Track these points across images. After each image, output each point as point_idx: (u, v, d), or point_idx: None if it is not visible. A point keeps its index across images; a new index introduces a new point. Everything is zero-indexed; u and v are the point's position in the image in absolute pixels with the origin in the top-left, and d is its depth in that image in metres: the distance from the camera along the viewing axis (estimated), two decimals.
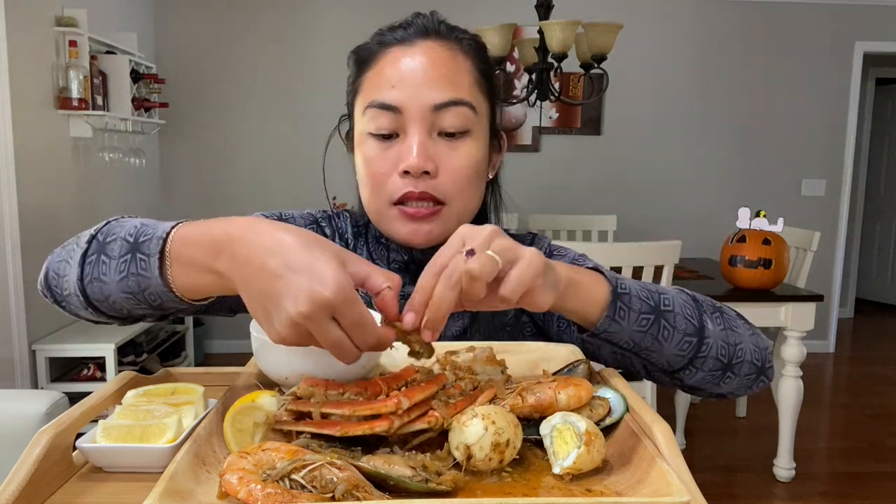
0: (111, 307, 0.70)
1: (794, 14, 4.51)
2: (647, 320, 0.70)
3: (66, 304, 0.74)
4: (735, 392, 0.78)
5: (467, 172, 0.80)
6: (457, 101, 0.79)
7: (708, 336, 0.73)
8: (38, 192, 2.94)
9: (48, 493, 0.55)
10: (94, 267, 0.68)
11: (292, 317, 0.53)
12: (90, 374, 3.03)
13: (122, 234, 0.68)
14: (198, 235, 0.62)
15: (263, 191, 4.39)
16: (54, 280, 0.73)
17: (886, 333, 5.46)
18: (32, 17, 2.88)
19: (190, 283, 0.64)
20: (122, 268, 0.66)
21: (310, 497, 0.47)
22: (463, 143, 0.80)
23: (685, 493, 0.47)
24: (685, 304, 0.74)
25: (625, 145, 4.55)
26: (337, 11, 4.28)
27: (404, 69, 0.79)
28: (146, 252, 0.64)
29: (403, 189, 0.79)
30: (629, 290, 0.70)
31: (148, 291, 0.65)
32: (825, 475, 2.97)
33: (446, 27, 0.84)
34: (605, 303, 0.68)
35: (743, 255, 2.67)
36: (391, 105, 0.78)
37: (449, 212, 0.81)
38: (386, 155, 0.80)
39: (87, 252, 0.69)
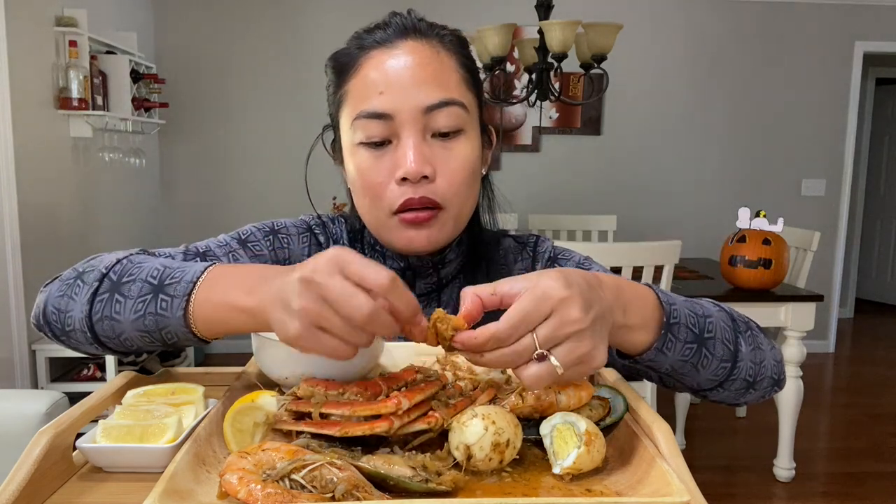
0: (121, 344, 0.69)
1: (794, 14, 4.51)
2: (691, 350, 0.68)
3: (66, 339, 0.73)
4: (750, 402, 0.78)
5: (464, 173, 0.79)
6: (448, 101, 0.77)
7: (741, 360, 0.72)
8: (38, 192, 2.94)
9: (48, 493, 0.55)
10: (105, 305, 0.68)
11: (298, 279, 0.52)
12: (90, 374, 3.04)
13: (141, 275, 0.67)
14: (231, 276, 0.63)
15: (263, 191, 4.39)
16: (54, 315, 0.72)
17: (886, 333, 5.46)
18: (32, 17, 2.88)
19: (215, 321, 0.63)
20: (139, 307, 0.66)
21: (310, 497, 0.47)
22: (457, 143, 0.79)
23: (685, 493, 0.47)
24: (725, 327, 0.71)
25: (625, 145, 4.55)
26: (337, 11, 4.28)
27: (390, 72, 0.76)
28: (171, 294, 0.64)
29: (403, 197, 0.77)
30: (679, 319, 0.67)
31: (165, 331, 0.66)
32: (825, 475, 2.97)
33: (426, 24, 0.81)
34: (657, 334, 0.65)
35: (743, 255, 2.67)
36: (382, 113, 0.76)
37: (447, 215, 0.79)
38: (380, 163, 0.78)
39: (97, 290, 0.68)
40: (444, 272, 0.88)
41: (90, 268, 0.71)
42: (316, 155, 0.94)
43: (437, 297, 0.89)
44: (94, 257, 0.74)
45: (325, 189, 1.07)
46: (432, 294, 0.89)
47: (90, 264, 0.73)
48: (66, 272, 0.75)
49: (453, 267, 0.89)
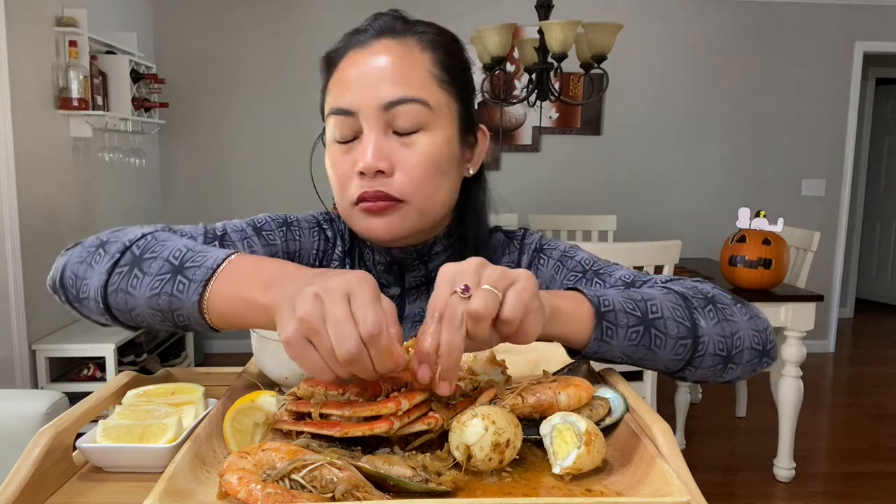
0: (131, 318, 0.70)
1: (794, 14, 4.51)
2: (637, 332, 0.69)
3: (79, 305, 0.74)
4: (740, 377, 0.78)
5: (424, 169, 0.80)
6: (406, 98, 0.78)
7: (703, 335, 0.72)
8: (38, 192, 2.94)
9: (48, 493, 0.55)
10: (123, 278, 0.68)
11: (314, 291, 0.53)
12: (90, 374, 3.03)
13: (164, 254, 0.68)
14: (251, 270, 0.64)
15: (263, 191, 4.39)
16: (71, 280, 0.73)
17: (886, 333, 5.46)
18: (32, 17, 2.88)
19: (229, 312, 0.64)
20: (156, 285, 0.66)
21: (310, 497, 0.47)
22: (418, 140, 0.79)
23: (685, 493, 0.47)
24: (674, 306, 0.73)
25: (625, 145, 4.55)
26: (337, 11, 4.28)
27: (358, 71, 0.80)
28: (190, 277, 0.65)
29: (360, 189, 0.80)
30: (613, 306, 0.69)
31: (178, 313, 0.66)
32: (825, 475, 2.97)
33: (403, 23, 0.83)
34: (591, 324, 0.67)
35: (743, 255, 2.67)
36: (347, 109, 0.80)
37: (409, 207, 0.80)
38: (346, 158, 0.81)
39: (118, 262, 0.70)
40: (433, 265, 0.89)
41: (114, 238, 0.73)
42: (319, 155, 0.95)
43: (426, 290, 0.90)
44: (120, 229, 0.76)
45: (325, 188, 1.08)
46: (421, 287, 0.91)
47: (115, 235, 0.74)
48: (89, 239, 0.76)
49: (441, 260, 0.90)
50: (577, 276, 0.87)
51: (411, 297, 0.91)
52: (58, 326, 3.11)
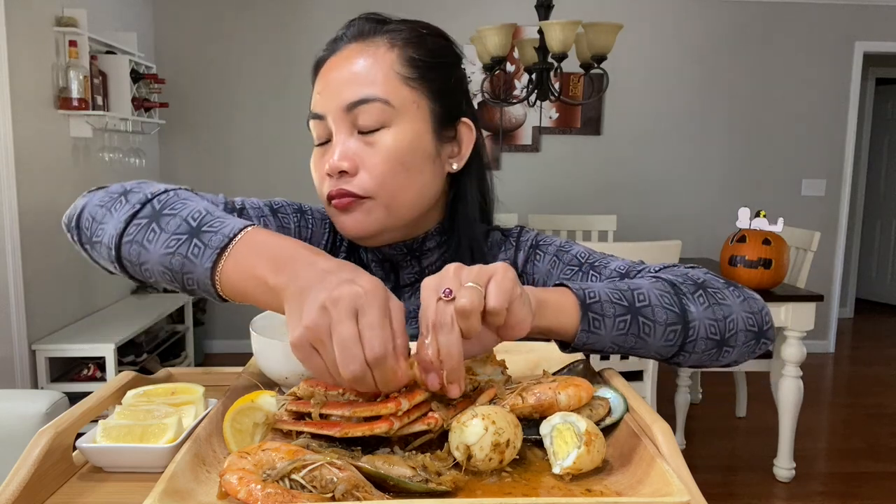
0: (140, 272, 0.70)
1: (794, 14, 4.51)
2: (625, 322, 0.70)
3: (90, 248, 0.74)
4: (739, 360, 0.78)
5: (388, 165, 0.81)
6: (366, 98, 0.80)
7: (693, 320, 0.73)
8: (38, 192, 2.94)
9: (48, 493, 0.55)
10: (140, 230, 0.68)
11: (323, 300, 0.53)
12: (90, 374, 3.03)
13: (183, 212, 0.68)
14: (266, 246, 0.63)
15: (264, 191, 4.39)
16: (87, 222, 0.74)
17: (886, 333, 5.46)
18: (32, 17, 2.88)
19: (239, 286, 0.63)
20: (171, 244, 0.66)
21: (310, 497, 0.47)
22: (380, 138, 0.81)
23: (685, 493, 0.47)
24: (662, 293, 0.73)
25: (625, 145, 4.55)
26: (337, 11, 4.28)
27: (327, 75, 0.83)
28: (206, 242, 0.64)
29: (328, 189, 0.83)
30: (598, 297, 0.69)
31: (188, 276, 0.65)
32: (825, 475, 2.97)
33: (373, 25, 0.85)
34: (577, 316, 0.68)
35: (743, 255, 2.67)
36: (318, 113, 0.83)
37: (374, 203, 0.82)
38: (322, 160, 0.84)
39: (137, 213, 0.69)
40: (427, 262, 0.90)
41: (137, 189, 0.73)
42: None
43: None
44: (144, 182, 0.76)
45: None
46: (416, 284, 0.91)
47: (139, 185, 0.74)
48: (113, 185, 0.76)
49: (436, 256, 0.91)
50: (573, 269, 0.88)
51: (406, 294, 0.92)
52: (58, 326, 3.11)
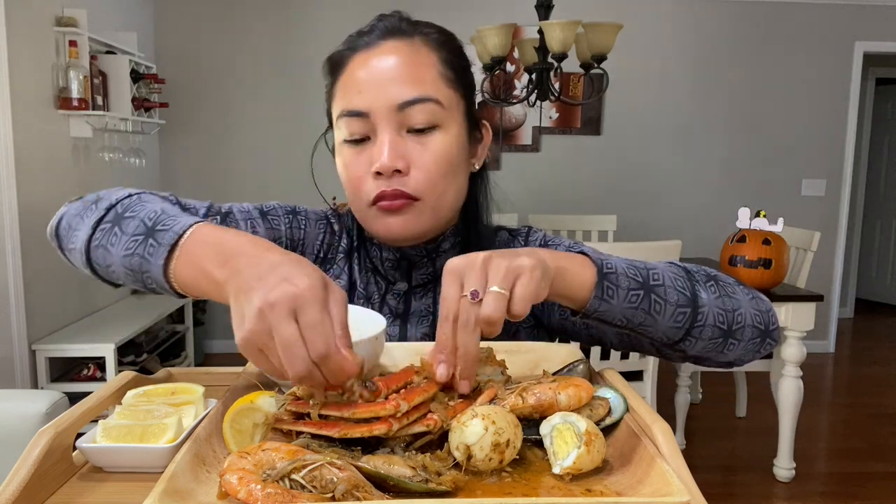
0: (108, 273, 0.74)
1: (794, 14, 4.51)
2: (637, 296, 0.70)
3: (69, 255, 0.78)
4: (742, 358, 0.78)
5: (439, 167, 0.81)
6: (420, 98, 0.79)
7: (702, 305, 0.73)
8: (38, 192, 2.94)
9: (48, 493, 0.55)
10: (105, 235, 0.72)
11: (259, 306, 0.53)
12: (90, 374, 3.03)
13: (141, 214, 0.71)
14: (212, 241, 0.64)
15: (263, 190, 4.39)
16: (65, 231, 0.77)
17: (886, 333, 5.46)
18: (32, 17, 2.88)
19: (190, 281, 0.65)
20: (130, 245, 0.69)
21: (310, 497, 0.47)
22: (432, 138, 0.81)
23: (685, 493, 0.47)
24: (676, 276, 0.74)
25: (625, 145, 4.55)
26: (337, 10, 4.28)
27: (369, 72, 0.81)
28: (159, 241, 0.67)
29: (377, 189, 0.80)
30: (615, 269, 0.71)
31: (147, 275, 0.68)
32: (825, 475, 2.97)
33: (408, 24, 0.84)
34: (593, 283, 0.69)
35: (743, 255, 2.67)
36: (359, 111, 0.80)
37: (423, 205, 0.81)
38: (360, 159, 0.82)
39: (102, 218, 0.73)
40: (440, 263, 0.90)
41: (106, 196, 0.77)
42: (319, 156, 0.95)
43: (432, 288, 0.91)
44: (117, 188, 0.80)
45: (326, 189, 1.08)
46: (428, 285, 0.91)
47: (109, 193, 0.78)
48: (90, 195, 0.80)
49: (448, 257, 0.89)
50: None
51: (417, 295, 0.91)
52: (58, 326, 3.10)
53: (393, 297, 0.91)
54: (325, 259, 0.95)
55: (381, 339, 0.69)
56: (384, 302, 0.91)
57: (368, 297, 0.92)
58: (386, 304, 0.91)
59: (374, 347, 0.68)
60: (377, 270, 0.92)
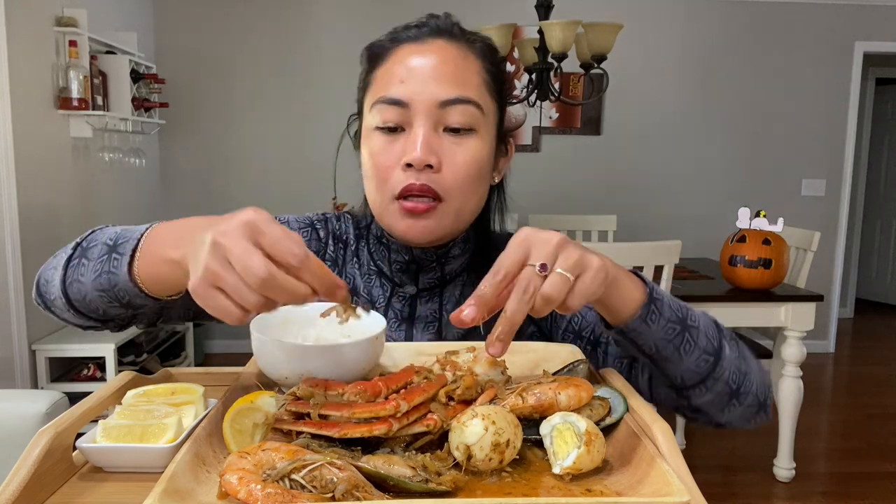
0: (88, 307, 0.74)
1: (794, 14, 4.51)
2: (674, 330, 0.71)
3: (53, 307, 0.78)
4: (734, 423, 0.80)
5: (469, 170, 0.80)
6: (464, 98, 0.79)
7: (724, 359, 0.75)
8: (38, 192, 2.94)
9: (48, 493, 0.55)
10: (74, 269, 0.73)
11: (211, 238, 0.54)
12: (90, 374, 3.03)
13: (103, 239, 0.73)
14: (166, 231, 0.68)
15: (264, 190, 4.39)
16: (44, 286, 0.78)
17: (886, 333, 5.46)
18: (32, 17, 2.88)
19: (154, 275, 0.67)
20: (97, 268, 0.71)
21: (310, 497, 0.47)
22: (467, 141, 0.80)
23: (685, 493, 0.47)
24: (709, 324, 0.76)
25: (625, 145, 4.55)
26: (337, 10, 4.28)
27: (413, 64, 0.80)
28: (121, 252, 0.69)
29: (405, 182, 0.79)
30: (662, 298, 0.72)
31: (117, 287, 0.69)
32: (825, 475, 2.97)
33: (459, 29, 0.84)
34: (640, 304, 0.70)
35: (743, 255, 2.67)
36: (398, 100, 0.79)
37: (447, 208, 0.81)
38: (391, 148, 0.80)
39: (71, 257, 0.75)
40: (449, 268, 0.89)
41: (72, 241, 0.78)
42: (316, 156, 0.95)
43: (439, 293, 0.90)
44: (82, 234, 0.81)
45: (325, 190, 1.08)
46: (434, 289, 0.90)
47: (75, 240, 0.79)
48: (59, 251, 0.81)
49: (458, 264, 0.90)
50: None
51: (423, 299, 0.90)
52: (58, 326, 3.10)
53: (398, 300, 0.90)
54: None
55: (381, 339, 0.69)
56: (390, 305, 0.90)
57: (373, 302, 0.91)
58: (392, 308, 0.90)
59: (374, 347, 0.68)
60: (382, 272, 0.91)
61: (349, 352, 0.66)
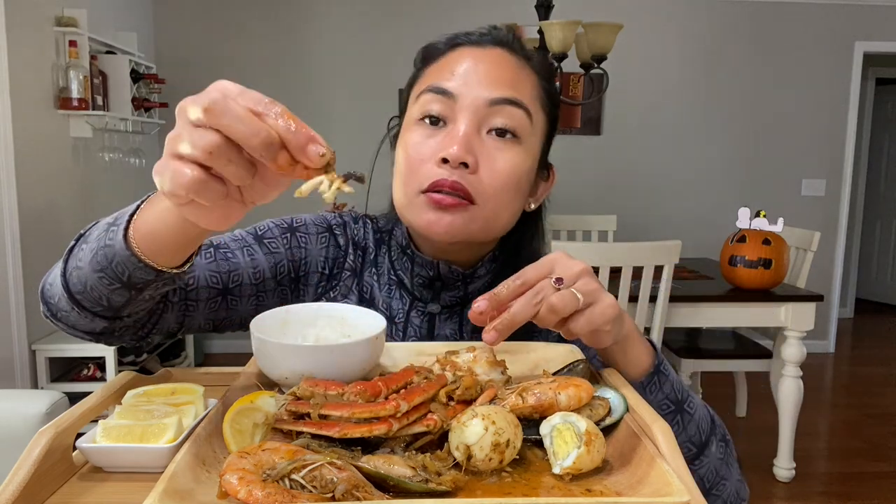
0: (90, 296, 0.68)
1: (794, 14, 4.51)
2: (668, 408, 0.72)
3: (57, 311, 0.73)
4: None
5: (508, 178, 0.77)
6: (514, 100, 0.76)
7: (707, 455, 0.75)
8: (38, 192, 2.94)
9: (48, 493, 0.55)
10: (74, 257, 0.68)
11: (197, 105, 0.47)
12: (90, 374, 3.04)
13: (101, 223, 0.69)
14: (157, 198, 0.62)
15: None
16: (48, 290, 0.73)
17: (886, 333, 5.46)
18: (32, 17, 2.88)
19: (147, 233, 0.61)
20: (93, 246, 0.66)
21: (310, 497, 0.47)
22: (511, 147, 0.77)
23: (685, 493, 0.47)
24: (703, 417, 0.75)
25: (625, 145, 4.55)
26: (337, 10, 4.28)
27: (468, 63, 0.78)
28: (118, 224, 0.64)
29: (436, 176, 0.75)
30: (668, 374, 0.72)
31: (115, 262, 0.63)
32: (825, 475, 2.97)
33: (519, 43, 0.83)
34: (646, 371, 0.71)
35: (743, 255, 2.67)
36: (446, 90, 0.76)
37: (477, 212, 0.76)
38: (429, 141, 0.77)
39: (72, 248, 0.70)
40: (472, 287, 0.86)
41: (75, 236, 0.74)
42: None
43: (459, 312, 0.87)
44: None
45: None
46: (455, 307, 0.87)
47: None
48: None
49: (481, 284, 0.87)
50: None
51: (443, 317, 0.87)
52: None
53: (418, 314, 0.87)
54: (331, 276, 0.89)
55: (381, 339, 0.69)
56: (409, 321, 0.86)
57: (392, 316, 0.87)
58: (410, 324, 0.86)
59: (374, 347, 0.68)
60: (402, 284, 0.87)
61: (349, 352, 0.66)
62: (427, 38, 0.87)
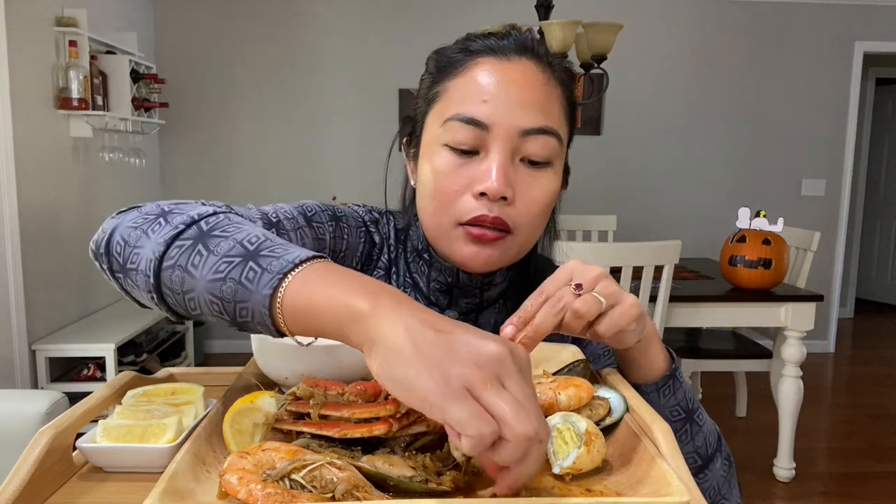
0: (183, 302, 0.59)
1: (794, 14, 4.51)
2: (679, 415, 0.73)
3: (123, 276, 0.63)
4: None
5: (542, 206, 0.77)
6: (547, 129, 0.75)
7: (711, 470, 0.75)
8: (38, 191, 2.94)
9: (48, 493, 0.55)
10: (184, 253, 0.58)
11: (463, 378, 0.44)
12: (90, 374, 3.03)
13: (237, 235, 0.58)
14: (345, 274, 0.53)
15: (263, 190, 4.39)
16: (119, 246, 0.63)
17: (886, 333, 5.46)
18: (32, 17, 2.88)
19: (308, 313, 0.52)
20: (222, 268, 0.56)
21: (310, 497, 0.47)
22: (544, 174, 0.77)
23: (685, 493, 0.47)
24: (711, 432, 0.76)
25: (625, 145, 4.55)
26: (337, 10, 4.28)
27: (498, 84, 0.74)
28: (264, 266, 0.54)
29: (476, 211, 0.74)
30: (682, 381, 0.73)
31: (242, 305, 0.55)
32: (825, 475, 2.97)
33: (543, 48, 0.79)
34: (662, 374, 0.71)
35: (743, 255, 2.67)
36: (479, 121, 0.73)
37: (514, 241, 0.77)
38: (461, 171, 0.74)
39: (181, 234, 0.60)
40: (488, 294, 0.86)
41: (178, 210, 0.63)
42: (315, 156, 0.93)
43: (474, 318, 0.87)
44: (185, 202, 0.66)
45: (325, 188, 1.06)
46: (470, 314, 0.87)
47: (180, 207, 0.64)
48: (147, 206, 0.66)
49: (497, 290, 0.87)
50: None
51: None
52: (58, 326, 3.10)
53: None
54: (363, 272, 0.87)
55: None
56: None
57: None
58: None
59: None
60: (417, 286, 0.86)
61: (349, 352, 0.65)
62: (427, 39, 0.87)
